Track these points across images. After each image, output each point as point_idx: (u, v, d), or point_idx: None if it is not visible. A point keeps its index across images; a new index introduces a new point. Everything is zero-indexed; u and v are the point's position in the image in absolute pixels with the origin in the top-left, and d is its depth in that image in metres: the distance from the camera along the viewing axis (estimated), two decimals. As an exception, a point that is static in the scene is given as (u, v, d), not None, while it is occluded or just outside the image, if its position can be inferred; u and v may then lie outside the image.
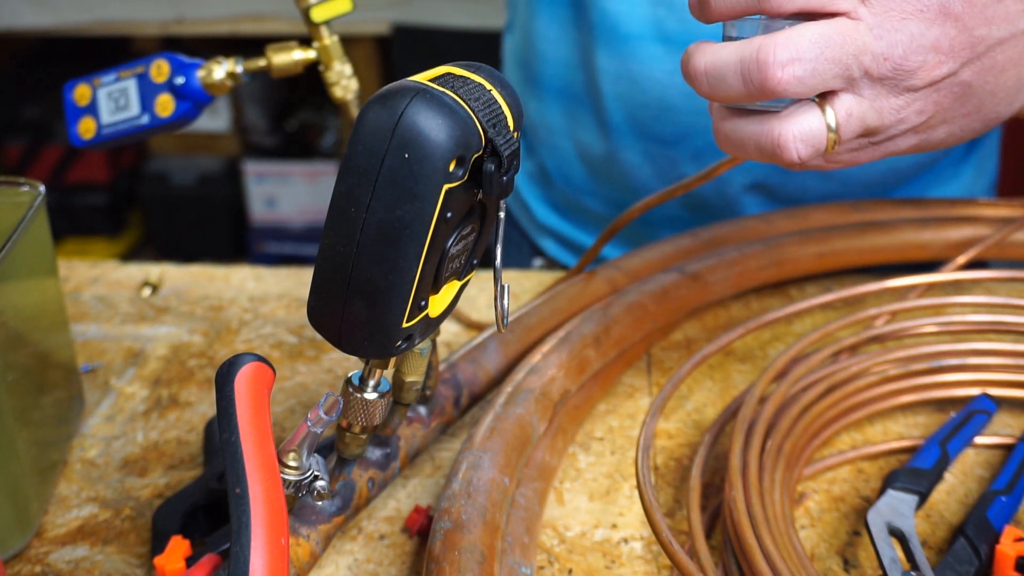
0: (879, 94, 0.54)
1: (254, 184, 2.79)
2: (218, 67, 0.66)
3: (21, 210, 0.63)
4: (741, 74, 0.52)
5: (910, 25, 0.52)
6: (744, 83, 0.53)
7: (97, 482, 0.68)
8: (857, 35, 0.52)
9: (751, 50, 0.52)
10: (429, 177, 0.44)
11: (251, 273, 0.91)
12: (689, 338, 0.80)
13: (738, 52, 0.53)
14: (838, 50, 0.52)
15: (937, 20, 0.53)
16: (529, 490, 0.63)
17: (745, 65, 0.52)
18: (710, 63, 0.54)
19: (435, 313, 0.50)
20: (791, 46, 0.51)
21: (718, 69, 0.54)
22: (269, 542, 0.43)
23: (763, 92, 0.52)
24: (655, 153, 0.90)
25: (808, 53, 0.51)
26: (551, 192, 1.03)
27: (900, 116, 0.55)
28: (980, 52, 0.54)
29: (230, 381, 0.47)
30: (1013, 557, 0.55)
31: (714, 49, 0.54)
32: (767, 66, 0.51)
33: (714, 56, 0.54)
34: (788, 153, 0.53)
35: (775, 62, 0.51)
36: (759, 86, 0.52)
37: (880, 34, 0.52)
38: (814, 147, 0.54)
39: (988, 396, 0.68)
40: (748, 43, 0.53)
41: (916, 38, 0.53)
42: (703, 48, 0.55)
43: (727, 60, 0.53)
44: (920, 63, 0.53)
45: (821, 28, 0.52)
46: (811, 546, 0.61)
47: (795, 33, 0.52)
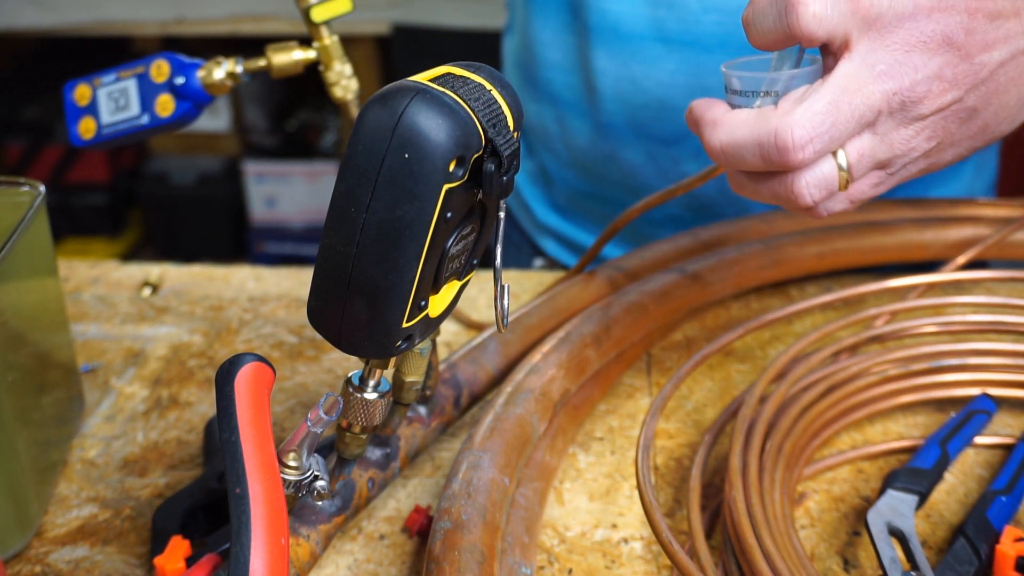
0: (889, 128, 0.55)
1: (254, 184, 2.79)
2: (218, 67, 0.66)
3: (21, 210, 0.63)
4: (760, 155, 0.54)
5: (913, 57, 0.53)
6: (764, 161, 0.54)
7: (97, 482, 0.68)
8: (862, 85, 0.53)
9: (768, 133, 0.53)
10: (429, 177, 0.44)
11: (251, 273, 0.91)
12: (689, 338, 0.80)
13: (755, 134, 0.54)
14: (848, 111, 0.53)
15: (939, 50, 0.54)
16: (529, 490, 0.63)
17: (764, 148, 0.53)
18: (727, 144, 0.55)
19: (435, 313, 0.50)
20: (806, 124, 0.52)
21: (736, 149, 0.55)
22: (269, 542, 0.43)
23: (785, 169, 0.54)
24: (656, 153, 0.90)
25: (822, 126, 0.52)
26: (551, 192, 1.03)
27: (911, 145, 0.56)
28: (983, 77, 0.55)
29: (230, 381, 0.47)
30: (1013, 557, 0.55)
31: (729, 127, 0.55)
32: (787, 150, 0.53)
33: (730, 136, 0.55)
34: (803, 199, 0.55)
35: (794, 145, 0.52)
36: (781, 165, 0.54)
37: (884, 70, 0.53)
38: (828, 190, 0.55)
39: (988, 396, 0.68)
40: (763, 123, 0.53)
41: (920, 69, 0.53)
42: (717, 124, 0.56)
43: (744, 141, 0.54)
44: (925, 92, 0.54)
45: (828, 95, 0.53)
46: (811, 546, 0.61)
47: (807, 109, 0.52)
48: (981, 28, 0.54)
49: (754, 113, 0.55)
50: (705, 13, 0.83)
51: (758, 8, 0.54)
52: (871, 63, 0.53)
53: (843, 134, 0.53)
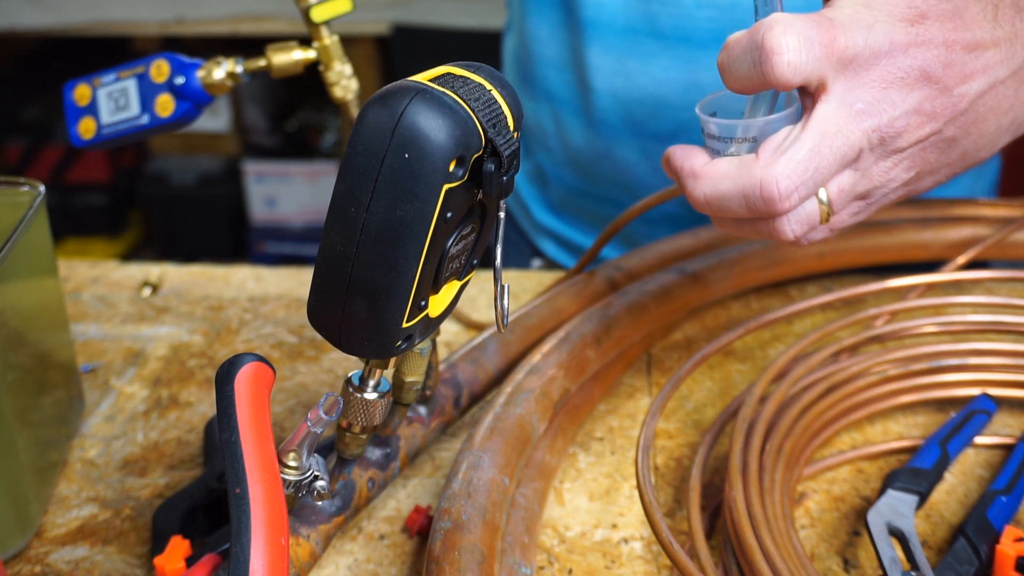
0: (869, 163, 0.55)
1: (254, 184, 2.79)
2: (218, 67, 0.66)
3: (21, 210, 0.63)
4: (746, 205, 0.54)
5: (891, 94, 0.53)
6: (750, 211, 0.54)
7: (97, 482, 0.68)
8: (842, 126, 0.53)
9: (752, 186, 0.53)
10: (429, 177, 0.44)
11: (251, 273, 0.91)
12: (689, 338, 0.80)
13: (739, 186, 0.54)
14: (830, 154, 0.53)
15: (917, 85, 0.54)
16: (529, 490, 0.63)
17: (750, 199, 0.54)
18: (711, 196, 0.55)
19: (435, 313, 0.50)
20: (790, 174, 0.52)
21: (721, 201, 0.55)
22: (269, 542, 0.43)
23: (771, 216, 0.54)
24: (651, 149, 0.90)
25: (805, 173, 0.53)
26: (549, 193, 1.03)
27: (890, 176, 0.56)
28: (962, 109, 0.55)
29: (230, 381, 0.47)
30: (1013, 557, 0.55)
31: (712, 180, 0.55)
32: (773, 201, 0.53)
33: (713, 189, 0.55)
34: (786, 237, 0.55)
35: (780, 196, 0.53)
36: (767, 214, 0.54)
37: (863, 108, 0.53)
38: (809, 224, 0.55)
39: (988, 396, 0.68)
40: (747, 175, 0.53)
41: (898, 105, 0.53)
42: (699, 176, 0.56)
43: (728, 193, 0.54)
44: (904, 127, 0.54)
45: (809, 142, 0.53)
46: (811, 546, 0.61)
47: (790, 159, 0.53)
48: (959, 60, 0.54)
49: (735, 164, 0.55)
50: (699, 8, 0.83)
51: (733, 54, 0.54)
52: (849, 102, 0.53)
53: (825, 177, 0.54)
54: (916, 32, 0.53)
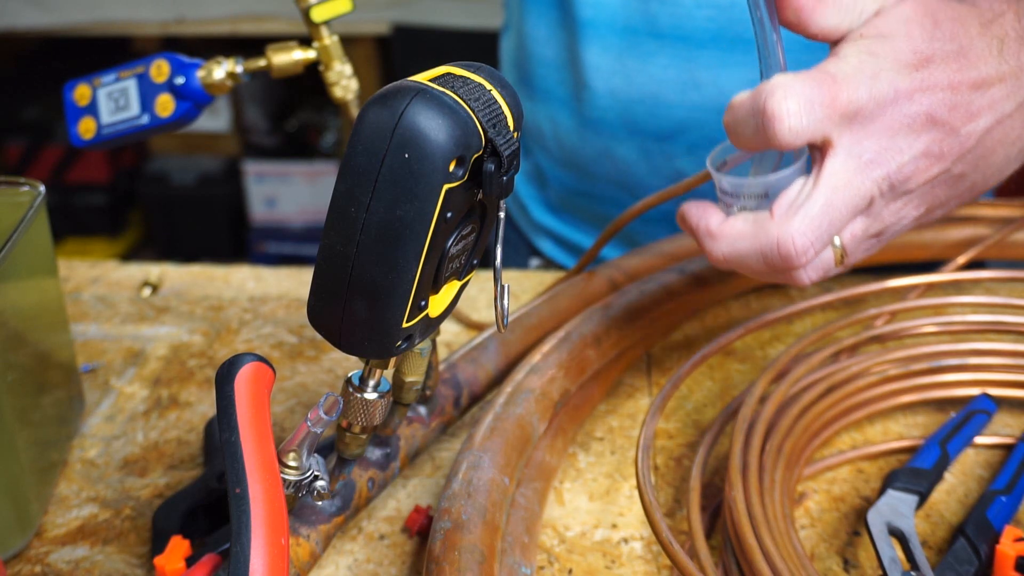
0: (880, 207, 0.55)
1: (254, 184, 2.79)
2: (218, 67, 0.66)
3: (21, 210, 0.63)
4: (765, 263, 0.55)
5: (899, 141, 0.53)
6: (768, 267, 0.55)
7: (97, 482, 0.68)
8: (852, 178, 0.53)
9: (770, 245, 0.54)
10: (429, 177, 0.44)
11: (251, 273, 0.91)
12: (689, 338, 0.80)
13: (757, 246, 0.55)
14: (843, 207, 0.53)
15: (924, 129, 0.54)
16: (529, 490, 0.63)
17: (768, 257, 0.54)
18: (730, 255, 0.56)
19: (435, 313, 0.50)
20: (806, 232, 0.53)
21: (740, 259, 0.56)
22: (269, 542, 0.43)
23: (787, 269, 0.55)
24: (649, 149, 0.90)
25: (819, 229, 0.53)
26: (547, 192, 1.03)
27: (900, 215, 0.56)
28: (970, 147, 0.55)
29: (230, 381, 0.47)
30: (1013, 557, 0.55)
31: (730, 240, 0.56)
32: (791, 258, 0.54)
33: (732, 248, 0.56)
34: (802, 283, 0.56)
35: (797, 253, 0.53)
36: (784, 270, 0.55)
37: (871, 158, 0.53)
38: (825, 270, 0.56)
39: (988, 396, 0.68)
40: (764, 235, 0.54)
41: (906, 151, 0.54)
42: (716, 236, 0.56)
43: (747, 252, 0.55)
44: (913, 171, 0.54)
45: (822, 197, 0.53)
46: (811, 546, 0.61)
47: (804, 216, 0.53)
48: (965, 100, 0.54)
49: (751, 223, 0.55)
50: (698, 8, 0.83)
51: (737, 117, 0.54)
52: (857, 154, 0.53)
53: (840, 228, 0.54)
54: (921, 77, 0.53)
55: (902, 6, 0.55)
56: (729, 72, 0.84)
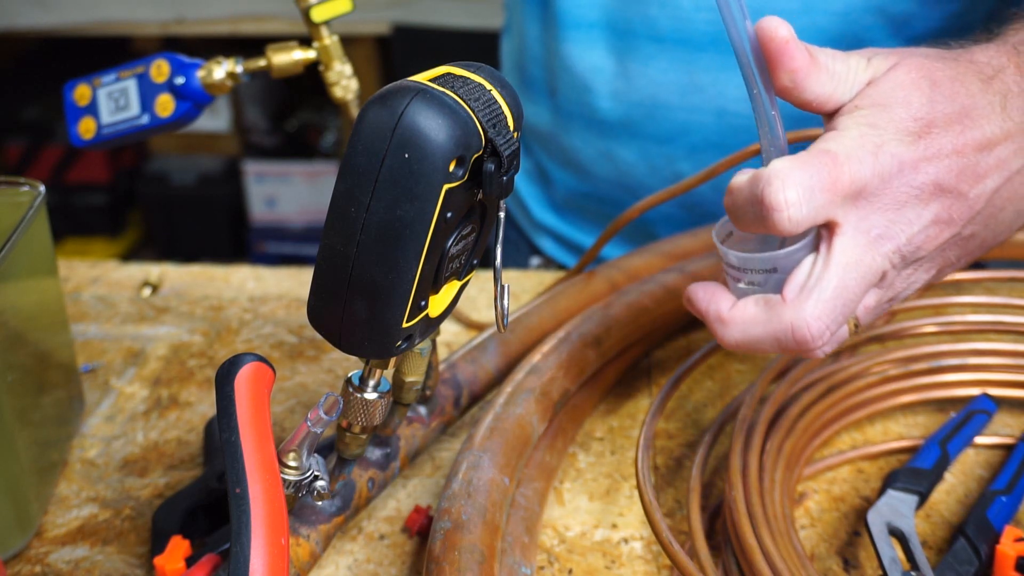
0: (892, 278, 0.54)
1: (254, 184, 2.79)
2: (218, 67, 0.66)
3: (21, 210, 0.63)
4: (779, 347, 0.53)
5: (907, 212, 0.52)
6: (782, 350, 0.54)
7: (97, 482, 0.68)
8: (862, 256, 0.52)
9: (784, 331, 0.52)
10: (429, 177, 0.44)
11: (251, 273, 0.91)
12: (689, 338, 0.80)
13: (770, 331, 0.53)
14: (855, 286, 0.52)
15: (932, 198, 0.52)
16: (529, 490, 0.63)
17: (782, 343, 0.53)
18: (742, 341, 0.54)
19: (435, 313, 0.50)
20: (821, 316, 0.52)
21: (754, 344, 0.54)
22: (269, 542, 0.43)
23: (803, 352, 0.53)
24: (650, 151, 0.90)
25: (835, 311, 0.52)
26: (550, 191, 1.03)
27: (911, 281, 0.55)
28: (978, 209, 0.54)
29: (230, 381, 0.47)
30: (1013, 557, 0.56)
31: (742, 326, 0.54)
32: (806, 342, 0.52)
33: (744, 334, 0.54)
34: (815, 356, 0.54)
35: (813, 338, 0.52)
36: (799, 352, 0.53)
37: (880, 233, 0.52)
38: (840, 343, 0.55)
39: (988, 396, 0.68)
40: (777, 320, 0.53)
41: (915, 222, 0.52)
42: (727, 322, 0.55)
43: (761, 337, 0.54)
44: (923, 240, 0.53)
45: (834, 279, 0.52)
46: (811, 546, 0.61)
47: (818, 300, 0.52)
48: (971, 163, 0.53)
49: (762, 307, 0.53)
50: (697, 11, 0.83)
51: (737, 202, 0.53)
52: (865, 230, 0.52)
53: (854, 306, 0.53)
54: (925, 145, 0.52)
55: (895, 72, 0.53)
56: (729, 75, 0.84)
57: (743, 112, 0.85)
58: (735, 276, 0.56)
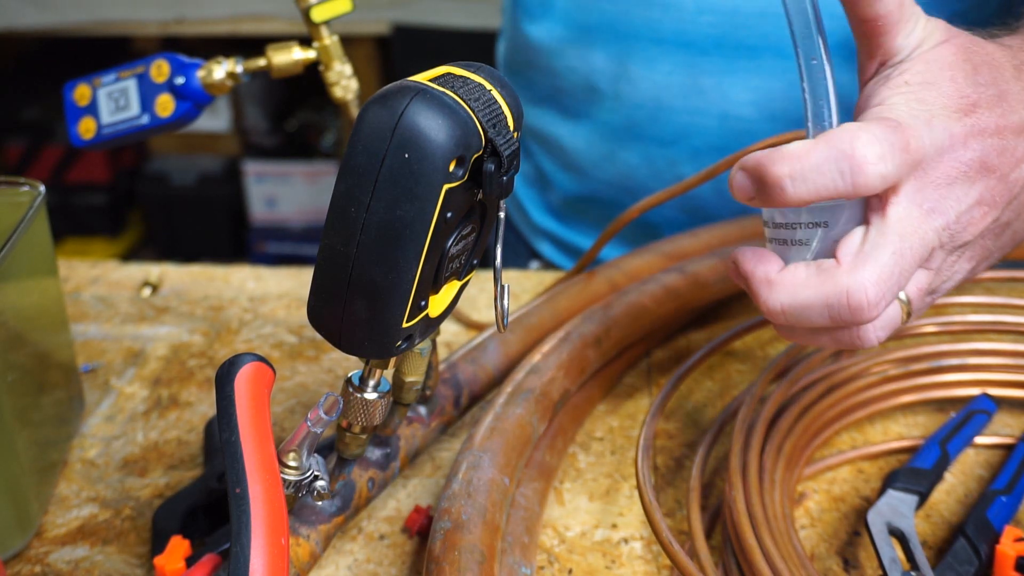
0: (940, 259, 0.54)
1: (254, 184, 2.79)
2: (218, 67, 0.66)
3: (21, 210, 0.63)
4: (829, 315, 0.51)
5: (956, 189, 0.52)
6: (833, 319, 0.51)
7: (97, 482, 0.68)
8: (916, 227, 0.51)
9: (838, 294, 0.50)
10: (429, 177, 0.44)
11: (251, 273, 0.91)
12: (689, 338, 0.80)
13: (822, 295, 0.51)
14: (911, 256, 0.51)
15: (979, 177, 0.52)
16: (529, 490, 0.63)
17: (834, 309, 0.51)
18: (791, 305, 0.52)
19: (435, 313, 0.50)
20: (879, 282, 0.50)
21: (802, 311, 0.52)
22: (269, 542, 0.43)
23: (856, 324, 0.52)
24: (652, 154, 0.90)
25: (891, 278, 0.50)
26: (549, 195, 1.03)
27: (955, 270, 0.55)
28: (1016, 192, 0.54)
29: (230, 381, 0.47)
30: (1013, 557, 0.56)
31: (791, 288, 0.52)
32: (862, 310, 0.50)
33: (793, 298, 0.52)
34: (869, 342, 0.53)
35: (869, 304, 0.50)
36: (851, 322, 0.51)
37: (932, 207, 0.52)
38: (892, 327, 0.53)
39: (988, 396, 0.68)
40: (831, 284, 0.51)
41: (963, 199, 0.52)
42: (774, 284, 0.52)
43: (811, 302, 0.51)
44: (969, 220, 0.53)
45: (891, 245, 0.51)
46: (811, 546, 0.61)
47: (875, 264, 0.50)
48: (1011, 145, 0.53)
49: (815, 271, 0.52)
50: (700, 14, 0.83)
51: (808, 164, 0.50)
52: (919, 202, 0.51)
53: (907, 279, 0.52)
54: (971, 123, 0.52)
55: (942, 50, 0.53)
56: (732, 78, 0.85)
57: (746, 115, 0.85)
58: (782, 238, 0.54)
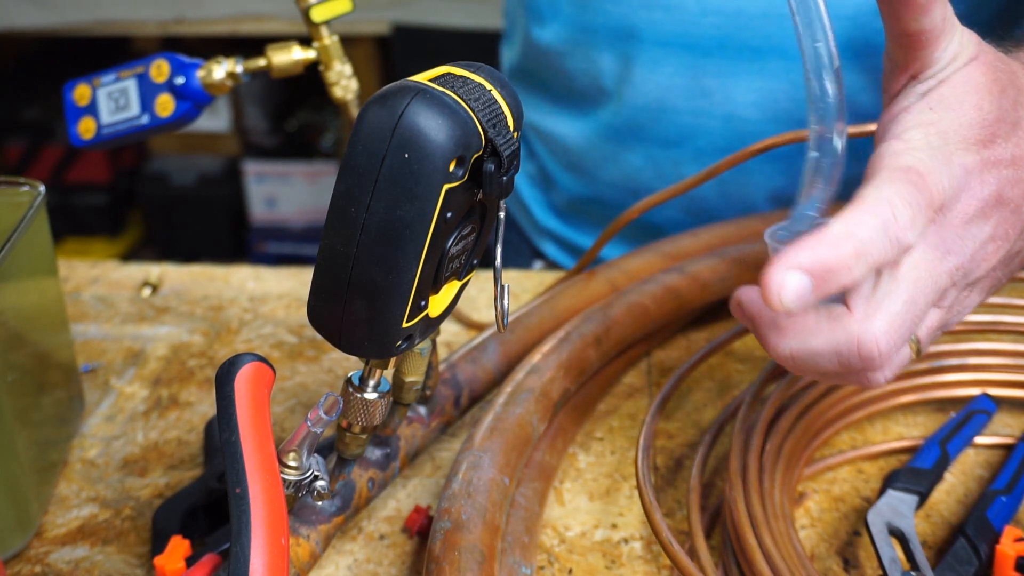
0: (952, 298, 0.53)
1: (254, 184, 2.79)
2: (218, 67, 0.66)
3: (21, 210, 0.63)
4: (839, 362, 0.50)
5: (972, 228, 0.51)
6: (842, 367, 0.50)
7: (97, 482, 0.68)
8: (931, 270, 0.50)
9: (848, 343, 0.49)
10: (429, 177, 0.44)
11: (251, 273, 0.91)
12: (689, 338, 0.80)
13: (832, 344, 0.49)
14: (923, 301, 0.50)
15: (993, 212, 0.52)
16: (529, 490, 0.63)
17: (844, 357, 0.49)
18: (800, 351, 0.50)
19: (435, 313, 0.50)
20: (890, 332, 0.49)
21: (810, 356, 0.50)
22: (269, 542, 0.43)
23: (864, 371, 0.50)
24: (656, 155, 0.90)
25: (903, 327, 0.49)
26: (553, 195, 1.03)
27: (966, 304, 0.54)
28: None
29: (230, 381, 0.47)
30: (1013, 557, 0.56)
31: (800, 335, 0.50)
32: (872, 359, 0.49)
33: (802, 345, 0.50)
34: (875, 382, 0.52)
35: (880, 354, 0.49)
36: (860, 371, 0.50)
37: (948, 248, 0.50)
38: (900, 367, 0.52)
39: (988, 396, 0.68)
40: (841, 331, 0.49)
41: (978, 236, 0.51)
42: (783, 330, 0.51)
43: (821, 350, 0.50)
44: (982, 257, 0.52)
45: (904, 292, 0.49)
46: (811, 546, 0.61)
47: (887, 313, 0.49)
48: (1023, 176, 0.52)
49: (824, 318, 0.50)
50: (704, 16, 0.83)
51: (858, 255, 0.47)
52: (935, 244, 0.50)
53: (918, 324, 0.51)
54: (988, 155, 0.51)
55: (971, 69, 0.52)
56: (736, 80, 0.85)
57: (750, 116, 0.85)
58: None
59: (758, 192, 0.89)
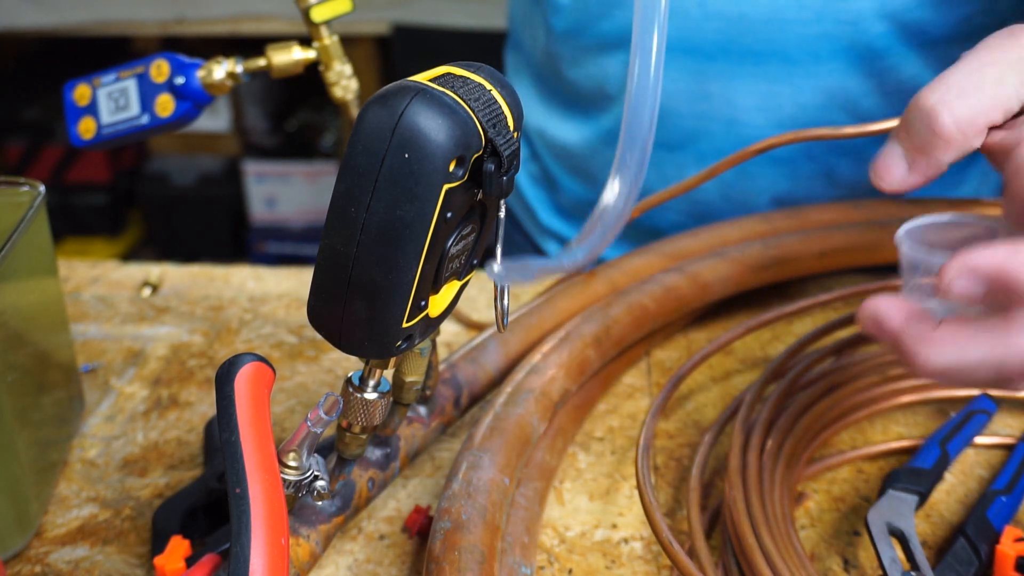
0: None
1: (254, 184, 2.79)
2: (218, 67, 0.66)
3: (21, 210, 0.63)
4: (998, 374, 0.48)
5: None
6: (998, 379, 0.49)
7: (97, 482, 0.68)
8: None
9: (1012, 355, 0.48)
10: (429, 177, 0.44)
11: (251, 273, 0.91)
12: (689, 338, 0.80)
13: (995, 356, 0.48)
14: None
15: None
16: (529, 490, 0.63)
17: (1006, 370, 0.48)
18: (956, 362, 0.49)
19: (435, 313, 0.50)
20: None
21: (969, 368, 0.49)
22: (269, 542, 0.43)
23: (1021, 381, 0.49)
24: (659, 159, 0.90)
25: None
26: (557, 196, 1.03)
27: None
28: None
29: (230, 381, 0.47)
30: (1013, 557, 0.56)
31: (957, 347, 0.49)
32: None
33: (961, 356, 0.48)
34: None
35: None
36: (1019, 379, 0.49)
37: None
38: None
39: (988, 396, 0.68)
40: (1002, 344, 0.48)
41: None
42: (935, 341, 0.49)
43: (980, 361, 0.48)
44: None
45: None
46: (811, 546, 0.61)
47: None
48: None
49: (983, 329, 0.48)
50: (706, 20, 0.83)
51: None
52: None
53: None
54: None
55: None
56: (738, 83, 0.85)
57: (752, 120, 0.85)
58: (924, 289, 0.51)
59: (760, 195, 0.89)
